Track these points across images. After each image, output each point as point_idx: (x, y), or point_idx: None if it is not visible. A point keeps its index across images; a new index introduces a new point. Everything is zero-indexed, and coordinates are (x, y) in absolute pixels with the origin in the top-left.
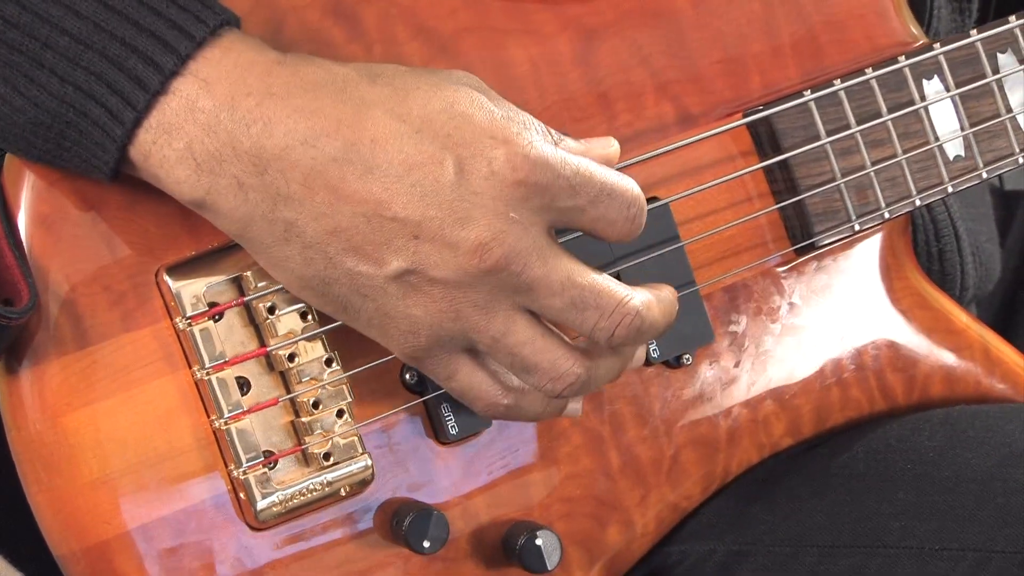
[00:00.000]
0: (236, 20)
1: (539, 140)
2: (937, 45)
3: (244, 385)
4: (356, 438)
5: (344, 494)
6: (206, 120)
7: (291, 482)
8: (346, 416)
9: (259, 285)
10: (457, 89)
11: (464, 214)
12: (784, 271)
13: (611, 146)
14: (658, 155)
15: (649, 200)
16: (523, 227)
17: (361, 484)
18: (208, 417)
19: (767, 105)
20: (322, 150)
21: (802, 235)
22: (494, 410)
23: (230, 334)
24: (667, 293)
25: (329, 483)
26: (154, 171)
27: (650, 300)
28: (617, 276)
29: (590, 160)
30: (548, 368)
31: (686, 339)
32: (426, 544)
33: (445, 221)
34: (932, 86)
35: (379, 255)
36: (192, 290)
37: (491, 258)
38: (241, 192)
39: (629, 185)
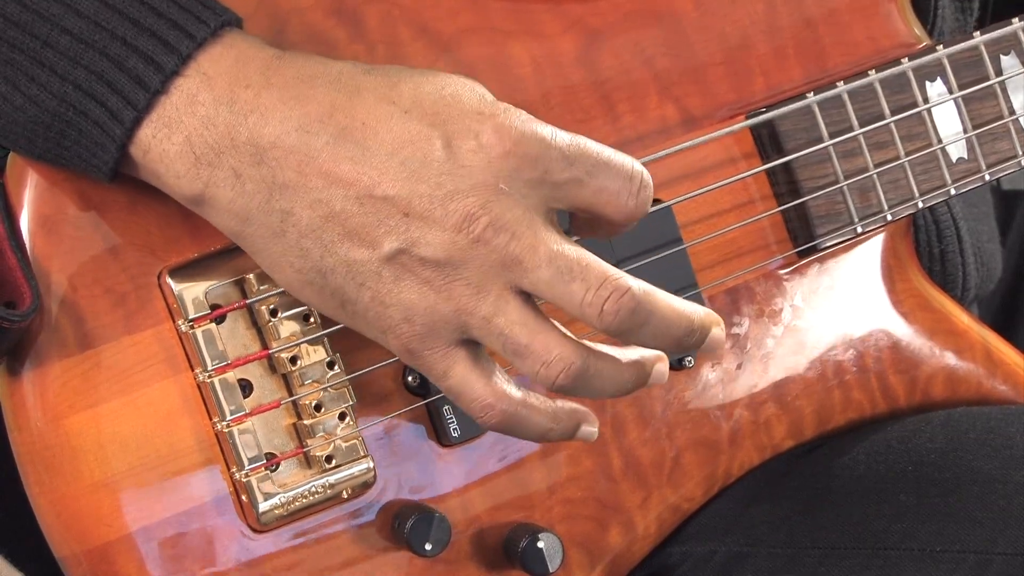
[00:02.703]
0: (237, 20)
1: (527, 117)
2: (940, 47)
3: (246, 387)
4: (358, 440)
5: (346, 496)
6: (205, 113)
7: (293, 484)
8: (348, 419)
9: (261, 288)
10: (448, 77)
11: (452, 187)
12: (786, 273)
13: None
14: (661, 157)
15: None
16: (513, 199)
17: (363, 486)
18: (210, 419)
19: (770, 107)
20: (316, 135)
21: (804, 237)
22: (488, 413)
23: (232, 336)
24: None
25: (331, 485)
26: (153, 167)
27: (650, 289)
28: None
29: (585, 137)
30: (540, 350)
31: None
32: (428, 546)
33: (434, 196)
34: (935, 88)
35: (372, 237)
36: (194, 292)
37: (477, 228)
38: (238, 183)
39: (628, 160)
